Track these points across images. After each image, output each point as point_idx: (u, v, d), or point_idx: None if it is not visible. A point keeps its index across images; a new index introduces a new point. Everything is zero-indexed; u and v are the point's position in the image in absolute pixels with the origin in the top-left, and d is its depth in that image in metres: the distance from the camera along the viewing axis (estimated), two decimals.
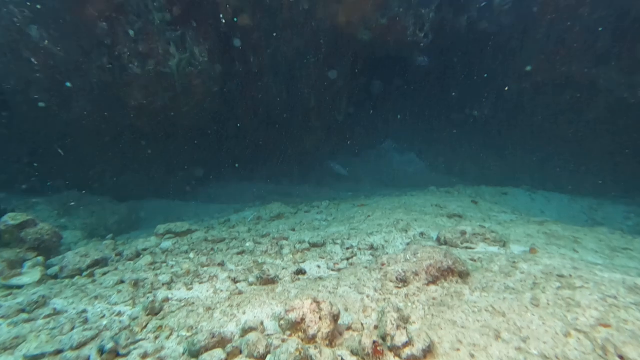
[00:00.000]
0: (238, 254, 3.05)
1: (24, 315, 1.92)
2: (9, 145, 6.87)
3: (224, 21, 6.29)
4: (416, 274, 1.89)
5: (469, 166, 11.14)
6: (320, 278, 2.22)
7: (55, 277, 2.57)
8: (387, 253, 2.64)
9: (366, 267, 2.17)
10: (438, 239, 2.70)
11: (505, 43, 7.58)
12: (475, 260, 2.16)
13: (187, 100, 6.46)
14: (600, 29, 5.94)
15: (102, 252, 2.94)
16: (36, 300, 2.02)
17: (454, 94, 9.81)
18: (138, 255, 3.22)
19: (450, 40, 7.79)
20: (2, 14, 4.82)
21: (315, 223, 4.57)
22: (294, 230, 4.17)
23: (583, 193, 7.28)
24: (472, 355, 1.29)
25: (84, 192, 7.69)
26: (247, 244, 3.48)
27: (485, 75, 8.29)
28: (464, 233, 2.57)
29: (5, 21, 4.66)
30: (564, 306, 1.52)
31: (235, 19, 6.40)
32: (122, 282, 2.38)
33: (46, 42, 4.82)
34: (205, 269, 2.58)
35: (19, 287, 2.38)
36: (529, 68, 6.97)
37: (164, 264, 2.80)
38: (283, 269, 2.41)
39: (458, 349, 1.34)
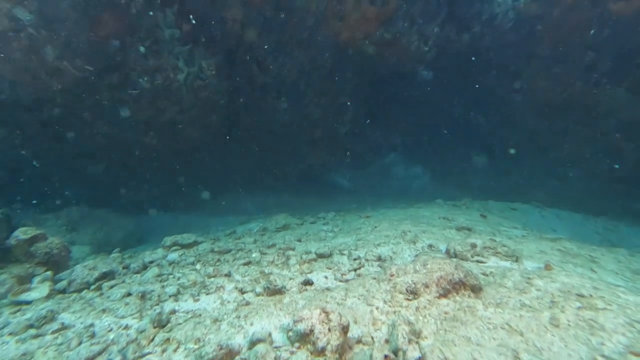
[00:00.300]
0: (244, 264, 3.02)
1: (32, 331, 1.90)
2: (21, 162, 7.01)
3: (230, 37, 6.49)
4: (426, 285, 1.85)
5: (474, 181, 11.08)
6: (328, 289, 2.18)
7: (63, 291, 2.56)
8: (396, 264, 2.59)
9: (374, 278, 2.14)
10: (447, 252, 2.66)
11: (508, 61, 7.67)
12: (487, 275, 2.11)
13: (194, 113, 6.59)
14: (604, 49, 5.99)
15: (110, 265, 2.93)
16: (44, 315, 2.00)
17: (457, 109, 9.89)
18: (145, 267, 3.21)
19: (453, 57, 7.92)
20: (20, 37, 5.04)
21: (321, 234, 4.53)
22: (300, 241, 4.14)
23: (595, 213, 7.14)
24: None
25: (91, 206, 7.76)
26: (254, 255, 3.46)
27: (485, 91, 8.38)
28: (474, 246, 2.53)
29: (24, 42, 4.85)
30: (587, 328, 1.46)
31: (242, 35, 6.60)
32: (129, 294, 2.36)
33: (64, 62, 4.99)
34: (212, 279, 2.56)
35: (27, 302, 2.37)
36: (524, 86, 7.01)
37: (171, 276, 2.78)
38: (290, 279, 2.38)
39: None
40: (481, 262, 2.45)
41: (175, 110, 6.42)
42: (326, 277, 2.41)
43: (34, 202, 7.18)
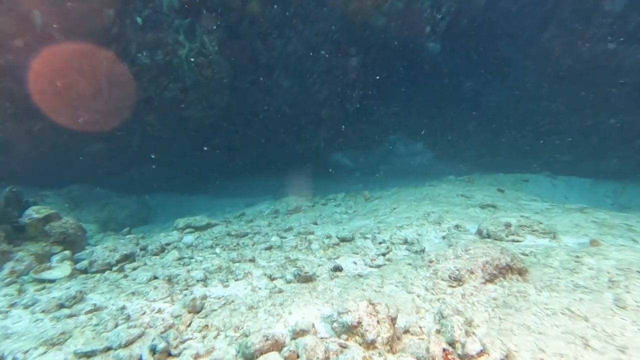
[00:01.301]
0: (266, 249, 2.94)
1: (66, 311, 1.84)
2: (18, 138, 6.74)
3: (232, 9, 6.08)
4: (471, 272, 1.77)
5: (479, 154, 10.90)
6: (360, 275, 2.10)
7: (84, 271, 2.49)
8: (424, 247, 2.51)
9: (410, 264, 2.05)
10: (479, 232, 2.57)
11: (525, 23, 7.23)
12: (527, 255, 2.03)
13: (197, 92, 6.29)
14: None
15: (127, 246, 2.84)
16: (74, 295, 1.93)
17: (466, 81, 9.55)
18: (163, 249, 3.13)
19: (466, 22, 7.48)
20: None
21: (335, 216, 4.45)
22: (315, 224, 4.06)
23: (604, 177, 7.02)
24: None
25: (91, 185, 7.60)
26: (273, 239, 3.37)
27: (500, 59, 8.03)
28: (508, 225, 2.44)
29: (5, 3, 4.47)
30: None
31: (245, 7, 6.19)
32: (155, 277, 2.27)
33: (54, 26, 4.63)
34: (237, 265, 2.47)
35: (51, 281, 2.30)
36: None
37: (192, 260, 2.70)
38: (318, 265, 2.29)
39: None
40: (517, 241, 2.37)
41: (178, 88, 6.12)
42: (355, 263, 2.33)
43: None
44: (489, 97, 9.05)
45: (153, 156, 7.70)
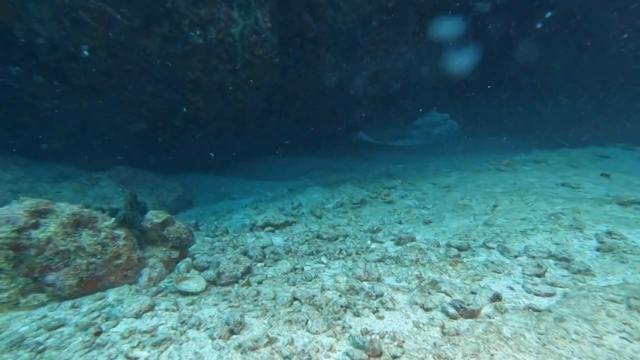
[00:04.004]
0: (379, 260, 2.78)
1: (241, 338, 1.73)
2: (60, 118, 6.57)
3: None
4: None
5: (526, 124, 10.21)
6: (536, 309, 1.87)
7: (214, 282, 2.42)
8: (588, 267, 2.20)
9: (616, 301, 1.78)
10: None
11: None
12: None
13: (247, 73, 5.88)
14: None
15: (234, 253, 2.74)
16: (239, 321, 1.83)
17: (521, 44, 8.68)
18: (264, 255, 3.03)
19: None
20: None
21: (414, 212, 4.24)
22: (400, 223, 3.87)
23: None
24: None
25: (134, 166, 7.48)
26: (372, 245, 3.21)
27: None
28: None
29: None
30: None
31: None
32: (296, 299, 2.14)
33: (107, 6, 4.23)
34: (367, 284, 2.32)
35: (193, 293, 2.23)
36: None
37: (307, 272, 2.57)
38: (470, 292, 2.08)
39: None
40: None
41: (227, 70, 5.72)
42: (512, 288, 2.14)
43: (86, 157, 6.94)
44: (548, 60, 8.26)
45: (212, 154, 7.49)
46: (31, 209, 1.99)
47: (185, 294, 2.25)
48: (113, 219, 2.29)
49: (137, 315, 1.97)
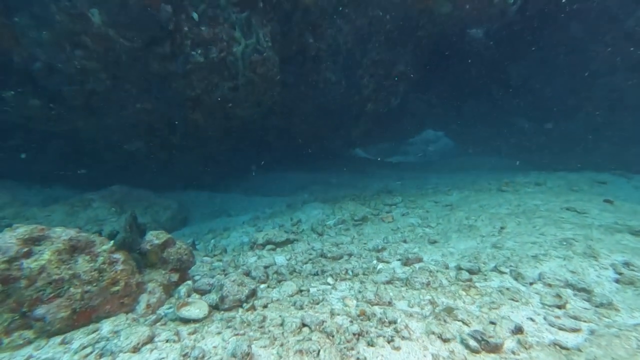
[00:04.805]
0: (387, 282, 2.67)
1: None
2: (56, 139, 6.47)
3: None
4: None
5: (521, 148, 10.39)
6: (567, 349, 1.73)
7: (216, 307, 2.27)
8: (610, 300, 2.07)
9: (636, 337, 1.71)
10: None
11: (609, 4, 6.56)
12: None
13: (248, 91, 5.91)
14: None
15: (236, 273, 2.61)
16: (247, 352, 1.70)
17: (514, 69, 8.95)
18: (267, 276, 2.90)
19: (537, 4, 6.85)
20: None
21: (418, 231, 4.17)
22: (405, 242, 3.79)
23: None
24: None
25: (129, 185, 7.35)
26: (379, 266, 3.11)
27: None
28: None
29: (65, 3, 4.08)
30: None
31: None
32: (305, 325, 2.03)
33: (110, 29, 4.25)
34: (378, 309, 2.21)
35: (195, 320, 2.08)
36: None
37: (313, 295, 2.45)
38: (490, 322, 1.96)
39: None
40: None
41: (228, 87, 5.74)
42: (532, 320, 2.03)
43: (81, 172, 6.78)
44: (541, 85, 8.51)
45: (207, 168, 7.40)
46: (25, 236, 1.87)
47: (187, 321, 2.11)
48: (111, 242, 2.17)
49: (136, 349, 1.83)
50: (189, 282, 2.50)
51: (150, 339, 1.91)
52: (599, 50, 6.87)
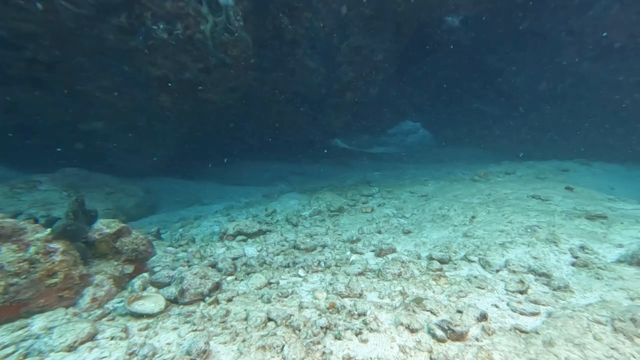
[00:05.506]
0: (359, 274, 2.59)
1: None
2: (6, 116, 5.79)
3: None
4: None
5: (494, 137, 10.68)
6: (526, 332, 1.68)
7: (175, 301, 2.07)
8: (567, 283, 2.11)
9: (601, 322, 1.71)
10: (636, 261, 2.20)
11: None
12: None
13: (220, 74, 5.56)
14: None
15: (201, 265, 2.42)
16: (203, 349, 1.54)
17: (489, 57, 9.11)
18: (235, 268, 2.73)
19: None
20: None
21: (393, 221, 4.13)
22: (380, 232, 3.74)
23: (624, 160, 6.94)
24: None
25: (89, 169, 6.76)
26: (353, 257, 3.03)
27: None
28: None
29: None
30: None
31: None
32: (270, 320, 1.89)
33: None
34: (348, 301, 2.12)
35: (149, 315, 1.89)
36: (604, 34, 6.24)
37: (283, 287, 2.32)
38: (457, 311, 1.92)
39: None
40: None
41: (198, 68, 5.37)
42: (496, 306, 2.02)
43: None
44: (514, 75, 8.72)
45: (156, 140, 6.91)
46: None
47: (139, 316, 1.91)
48: (48, 230, 1.91)
49: (71, 348, 1.62)
50: (146, 274, 2.29)
51: (92, 336, 1.70)
52: (566, 40, 7.07)
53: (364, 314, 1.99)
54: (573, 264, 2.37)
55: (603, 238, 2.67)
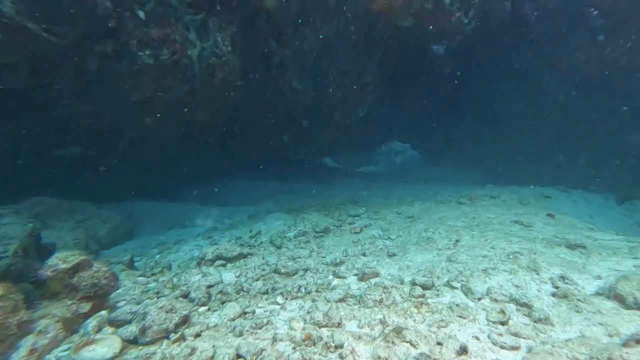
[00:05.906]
0: (340, 300, 2.48)
1: None
2: None
3: (248, 3, 5.40)
4: None
5: (479, 159, 10.89)
6: None
7: (134, 341, 1.91)
8: (548, 315, 2.07)
9: (568, 356, 1.65)
10: (615, 295, 2.11)
11: (550, 30, 7.14)
12: None
13: (207, 95, 5.59)
14: None
15: (168, 295, 2.28)
16: None
17: (474, 85, 9.47)
18: (209, 297, 2.59)
19: (491, 27, 7.31)
20: None
21: (378, 243, 4.06)
22: (364, 255, 3.65)
23: (604, 190, 7.13)
24: None
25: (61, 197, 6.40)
26: (335, 282, 2.92)
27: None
28: None
29: None
30: None
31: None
32: (239, 357, 1.74)
33: (29, 22, 3.77)
34: (326, 332, 2.00)
35: None
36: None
37: (259, 318, 2.19)
38: (436, 343, 1.84)
39: None
40: None
41: (184, 90, 5.39)
42: (477, 338, 1.93)
43: None
44: (499, 103, 9.05)
45: (163, 177, 6.80)
46: None
47: None
48: None
49: None
50: (104, 312, 2.13)
51: None
52: (547, 73, 7.44)
53: (341, 346, 1.88)
54: (554, 294, 2.32)
55: (582, 268, 2.66)
